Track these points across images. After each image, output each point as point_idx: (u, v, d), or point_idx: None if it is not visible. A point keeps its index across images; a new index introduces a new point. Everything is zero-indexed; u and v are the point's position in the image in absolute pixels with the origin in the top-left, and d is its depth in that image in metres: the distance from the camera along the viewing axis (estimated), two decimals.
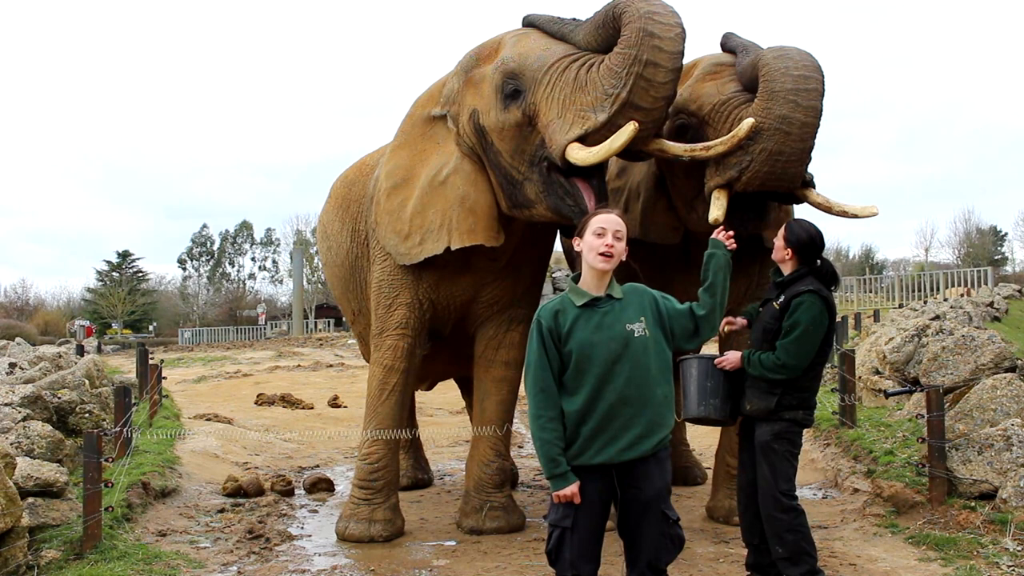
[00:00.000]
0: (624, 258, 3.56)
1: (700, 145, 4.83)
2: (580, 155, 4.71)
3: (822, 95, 4.64)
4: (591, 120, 4.71)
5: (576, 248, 3.61)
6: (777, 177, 4.73)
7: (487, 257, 5.70)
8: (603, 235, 3.47)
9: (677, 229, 5.50)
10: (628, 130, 4.55)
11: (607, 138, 4.63)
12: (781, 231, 4.39)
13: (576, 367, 3.42)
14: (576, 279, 3.57)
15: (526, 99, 5.00)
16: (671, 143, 4.91)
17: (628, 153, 4.85)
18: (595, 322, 3.45)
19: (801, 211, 5.42)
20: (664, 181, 5.52)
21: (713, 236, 3.85)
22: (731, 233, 3.90)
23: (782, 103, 4.58)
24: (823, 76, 4.67)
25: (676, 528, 3.48)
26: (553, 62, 4.94)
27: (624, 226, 3.54)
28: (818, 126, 4.65)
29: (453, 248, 5.45)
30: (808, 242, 4.31)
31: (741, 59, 5.02)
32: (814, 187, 4.95)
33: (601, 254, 3.45)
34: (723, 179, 4.82)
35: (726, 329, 4.57)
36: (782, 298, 4.28)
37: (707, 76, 5.17)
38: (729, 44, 5.29)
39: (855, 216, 4.94)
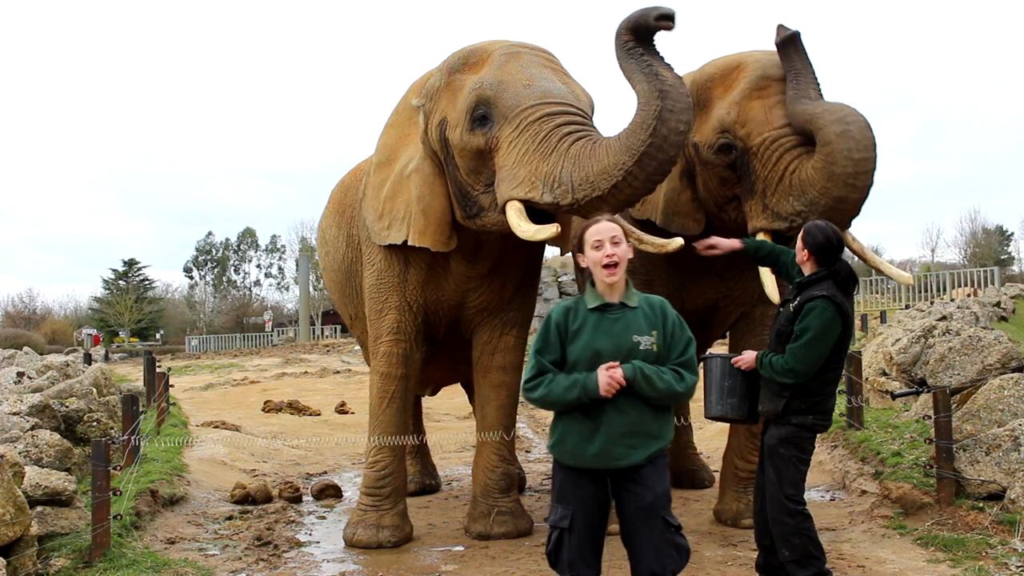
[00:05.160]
0: (631, 255, 3.55)
1: (634, 235, 4.82)
2: (512, 219, 4.78)
3: (876, 170, 4.77)
4: (537, 192, 4.70)
5: (582, 264, 3.60)
6: None
7: (467, 262, 5.69)
8: (600, 247, 3.46)
9: (699, 221, 5.53)
10: (550, 231, 4.62)
11: (548, 212, 4.76)
12: (800, 234, 4.41)
13: (575, 369, 3.43)
14: (594, 283, 3.57)
15: (491, 131, 4.94)
16: (617, 218, 4.94)
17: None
18: (603, 328, 3.45)
19: None
20: (690, 173, 5.51)
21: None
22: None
23: (840, 186, 4.73)
24: (877, 150, 4.78)
25: (678, 536, 3.43)
26: (527, 106, 4.83)
27: (619, 228, 3.52)
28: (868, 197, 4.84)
29: (409, 243, 5.49)
30: (824, 244, 4.29)
31: (792, 90, 4.99)
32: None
33: (605, 266, 3.45)
34: (769, 226, 4.99)
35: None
36: (797, 300, 4.29)
37: (754, 93, 5.14)
38: (782, 51, 5.13)
39: (888, 276, 5.28)
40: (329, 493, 7.49)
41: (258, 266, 67.42)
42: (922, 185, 79.78)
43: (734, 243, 4.75)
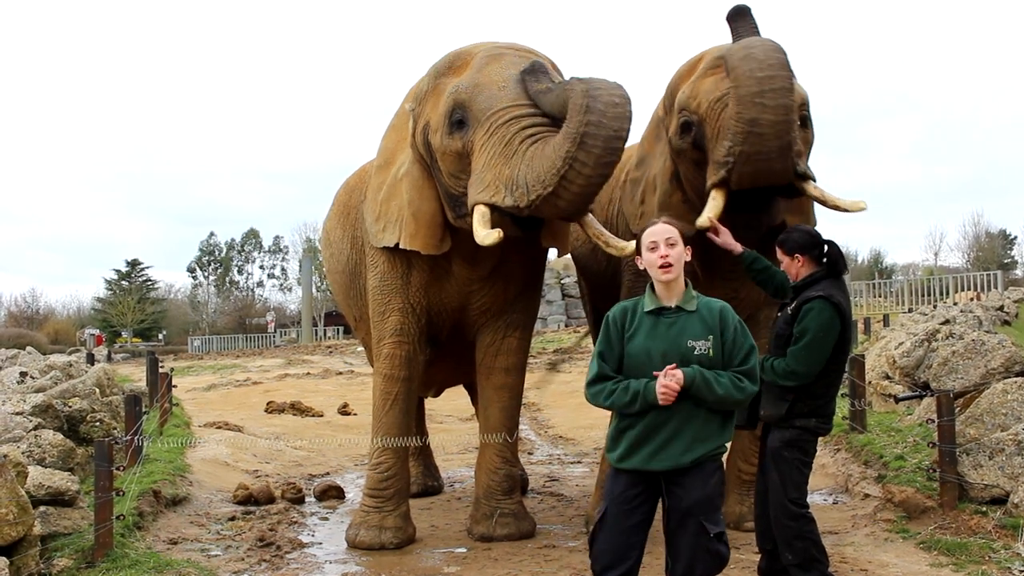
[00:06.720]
0: (688, 258, 3.55)
1: (603, 237, 4.98)
2: (474, 222, 4.83)
3: (790, 90, 4.60)
4: (500, 197, 4.77)
5: (641, 267, 3.63)
6: (764, 174, 4.71)
7: (468, 264, 5.70)
8: (656, 248, 3.49)
9: (692, 222, 5.50)
10: (493, 236, 4.67)
11: (512, 215, 4.81)
12: (778, 249, 4.41)
13: (628, 371, 3.48)
14: (653, 287, 3.58)
15: (467, 135, 4.99)
16: (590, 222, 5.00)
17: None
18: (659, 331, 3.47)
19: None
20: (678, 175, 5.46)
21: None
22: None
23: (749, 107, 4.56)
24: (789, 71, 4.63)
25: (715, 543, 3.41)
26: (497, 109, 4.87)
27: (675, 230, 3.53)
28: (791, 121, 4.63)
29: (401, 247, 5.54)
30: (809, 241, 4.31)
31: None
32: (813, 180, 4.92)
33: (661, 267, 3.48)
34: (716, 178, 4.84)
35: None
36: (794, 303, 4.28)
37: (708, 71, 5.12)
38: (732, 25, 5.04)
39: (844, 210, 4.92)
40: (332, 494, 7.49)
41: (261, 267, 67.66)
42: (925, 189, 79.84)
43: (735, 246, 4.72)
